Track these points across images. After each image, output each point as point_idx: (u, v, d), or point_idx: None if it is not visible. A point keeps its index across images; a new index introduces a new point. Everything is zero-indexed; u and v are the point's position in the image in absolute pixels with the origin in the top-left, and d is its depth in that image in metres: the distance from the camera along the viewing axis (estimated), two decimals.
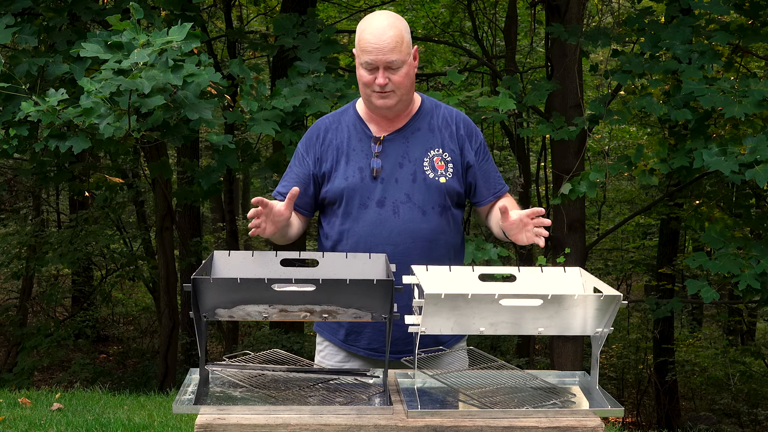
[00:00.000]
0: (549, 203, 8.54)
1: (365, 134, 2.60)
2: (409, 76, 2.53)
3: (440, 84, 9.50)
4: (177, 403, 2.07)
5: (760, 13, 6.01)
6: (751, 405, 11.34)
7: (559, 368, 6.85)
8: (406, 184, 2.56)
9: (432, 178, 2.57)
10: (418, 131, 2.61)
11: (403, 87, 2.52)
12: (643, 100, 5.82)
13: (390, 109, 2.55)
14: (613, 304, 2.04)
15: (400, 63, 2.48)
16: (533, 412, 2.04)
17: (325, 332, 2.70)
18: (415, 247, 2.52)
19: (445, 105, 2.71)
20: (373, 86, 2.50)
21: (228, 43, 10.56)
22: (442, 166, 2.59)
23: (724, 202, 7.73)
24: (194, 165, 7.55)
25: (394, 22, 2.50)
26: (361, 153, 2.58)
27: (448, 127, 2.64)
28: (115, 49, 4.38)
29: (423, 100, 2.67)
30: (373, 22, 2.51)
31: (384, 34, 2.46)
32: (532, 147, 11.84)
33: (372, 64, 2.48)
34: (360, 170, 2.57)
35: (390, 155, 2.58)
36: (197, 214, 12.18)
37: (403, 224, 2.54)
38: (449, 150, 2.61)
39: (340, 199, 2.58)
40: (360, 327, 2.60)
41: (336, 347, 2.67)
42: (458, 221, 2.67)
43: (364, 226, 2.55)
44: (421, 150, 2.59)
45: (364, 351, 2.62)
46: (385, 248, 2.50)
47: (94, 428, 5.00)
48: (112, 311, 14.19)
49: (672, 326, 11.54)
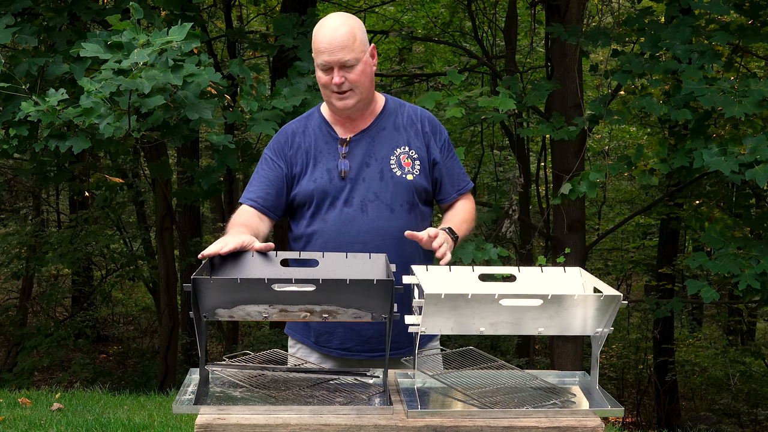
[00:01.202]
0: (549, 203, 8.54)
1: (331, 137, 2.61)
2: (366, 73, 2.53)
3: (440, 84, 9.49)
4: (177, 403, 2.07)
5: (760, 13, 6.01)
6: (751, 405, 11.34)
7: (559, 368, 6.85)
8: (373, 182, 2.57)
9: (399, 176, 2.58)
10: (383, 130, 2.62)
11: (360, 85, 2.52)
12: (643, 100, 5.82)
13: (350, 109, 2.55)
14: (613, 304, 2.04)
15: (355, 61, 2.49)
16: (533, 412, 2.04)
17: (297, 334, 2.69)
18: (385, 244, 2.51)
19: (410, 104, 2.71)
20: (331, 86, 2.51)
21: (228, 43, 10.57)
22: (408, 163, 2.60)
23: (724, 202, 7.73)
24: (194, 165, 7.56)
25: (347, 21, 2.52)
26: (329, 155, 2.59)
27: (413, 125, 2.65)
28: (115, 49, 4.38)
29: (387, 99, 2.68)
30: (325, 23, 2.53)
31: (336, 33, 2.48)
32: (532, 147, 11.83)
33: (326, 64, 2.49)
34: (328, 172, 2.57)
35: (356, 155, 2.58)
36: (197, 214, 12.20)
37: (371, 222, 2.54)
38: (416, 147, 2.62)
39: (310, 201, 2.59)
40: (332, 328, 2.60)
41: (309, 348, 2.66)
42: (427, 218, 2.67)
43: (332, 226, 2.55)
44: (387, 148, 2.60)
45: (336, 351, 2.61)
46: (354, 247, 2.51)
47: (94, 428, 5.00)
48: (112, 311, 14.19)
49: (672, 326, 11.54)
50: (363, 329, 2.57)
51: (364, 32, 2.55)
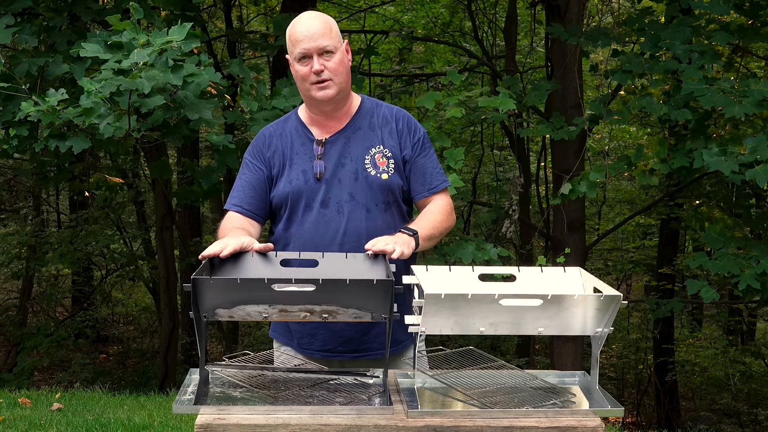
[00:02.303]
0: (549, 203, 8.54)
1: (307, 138, 2.61)
2: (344, 64, 2.55)
3: (440, 84, 9.49)
4: (177, 403, 2.07)
5: (760, 13, 6.01)
6: (751, 405, 11.34)
7: (559, 368, 6.85)
8: (348, 183, 2.56)
9: (374, 176, 2.57)
10: (359, 130, 2.62)
11: (339, 74, 2.53)
12: (643, 100, 5.82)
13: (330, 100, 2.55)
14: (613, 304, 2.04)
15: (333, 48, 2.51)
16: (533, 412, 2.04)
17: (281, 337, 2.69)
18: (361, 245, 2.48)
19: (387, 104, 2.71)
20: (311, 77, 2.51)
21: (228, 43, 10.56)
22: (383, 162, 2.59)
23: (724, 202, 7.73)
24: (194, 165, 7.56)
25: (321, 15, 2.57)
26: (304, 156, 2.59)
27: (387, 123, 2.64)
28: (115, 49, 4.37)
29: (363, 99, 2.69)
30: (300, 18, 2.57)
31: (313, 23, 2.52)
32: (532, 147, 11.84)
33: (306, 51, 2.50)
34: (303, 173, 2.57)
35: (332, 156, 2.58)
36: (197, 214, 12.19)
37: (347, 223, 2.54)
38: (389, 146, 2.61)
39: (286, 204, 2.58)
40: (313, 330, 2.59)
41: (293, 351, 2.66)
42: (406, 217, 2.66)
43: (309, 228, 2.55)
44: (362, 148, 2.60)
45: (318, 353, 2.60)
46: (332, 248, 2.50)
47: (94, 428, 5.00)
48: (112, 311, 14.19)
49: (672, 326, 11.54)
50: (344, 330, 2.56)
51: (338, 28, 2.59)
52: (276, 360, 2.68)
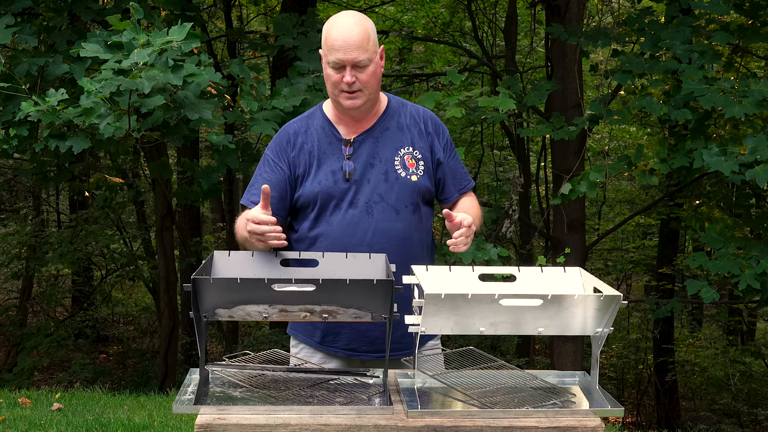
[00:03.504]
0: (549, 203, 8.54)
1: (335, 137, 2.59)
2: (376, 75, 2.53)
3: (440, 84, 9.49)
4: (177, 403, 2.07)
5: (760, 13, 6.01)
6: (751, 405, 11.33)
7: (559, 368, 6.85)
8: (378, 183, 2.55)
9: (404, 177, 2.57)
10: (387, 131, 2.61)
11: (370, 86, 2.51)
12: (643, 100, 5.82)
13: (357, 109, 2.54)
14: (613, 304, 2.04)
15: (367, 62, 2.48)
16: (533, 412, 2.04)
17: (300, 334, 2.67)
18: (390, 246, 2.50)
19: (411, 103, 2.70)
20: (341, 85, 2.49)
21: (228, 43, 10.57)
22: (413, 164, 2.59)
23: (724, 202, 7.73)
24: (194, 165, 7.56)
25: (361, 20, 2.51)
26: (333, 156, 2.57)
27: (416, 124, 2.64)
28: (115, 49, 4.38)
29: (389, 99, 2.67)
30: (339, 20, 2.51)
31: (351, 32, 2.46)
32: (532, 147, 11.84)
33: (339, 62, 2.47)
34: (333, 173, 2.55)
35: (361, 156, 2.57)
36: (197, 214, 12.19)
37: (377, 224, 2.53)
38: (419, 147, 2.61)
39: (314, 203, 2.56)
40: (338, 328, 2.58)
41: (312, 349, 2.64)
42: (429, 219, 2.66)
43: (338, 228, 2.53)
44: (391, 149, 2.59)
45: (342, 352, 2.60)
46: (360, 249, 2.49)
47: (94, 428, 5.00)
48: (112, 311, 14.19)
49: (672, 326, 11.54)
50: (369, 330, 2.55)
51: (376, 33, 2.55)
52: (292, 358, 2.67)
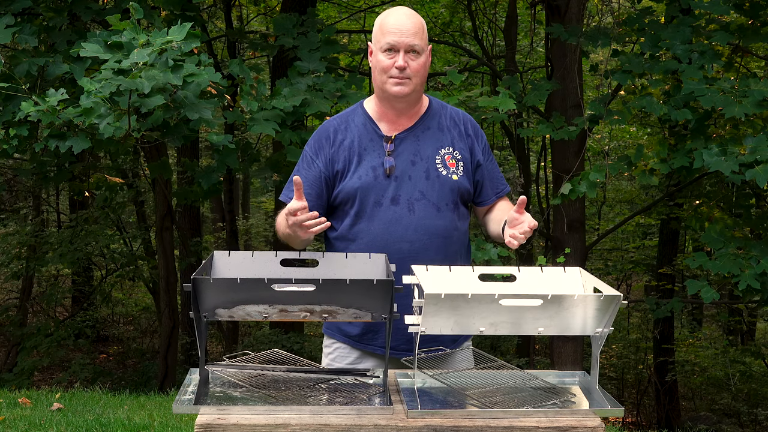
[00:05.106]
0: (549, 203, 8.54)
1: (376, 133, 2.61)
2: (425, 68, 2.57)
3: (440, 84, 9.50)
4: (177, 403, 2.07)
5: (760, 13, 6.01)
6: (751, 405, 11.33)
7: (559, 368, 6.85)
8: (419, 181, 2.57)
9: (445, 176, 2.59)
10: (428, 130, 2.64)
11: (419, 75, 2.55)
12: (643, 100, 5.83)
13: (405, 97, 2.56)
14: (613, 304, 2.04)
15: (420, 50, 2.53)
16: (533, 412, 2.04)
17: (336, 333, 2.68)
18: (431, 243, 2.53)
19: (451, 106, 2.74)
20: (391, 71, 2.52)
21: (228, 43, 10.56)
22: (453, 164, 2.62)
23: (724, 202, 7.73)
24: (194, 165, 7.56)
25: (415, 14, 2.60)
26: (374, 152, 2.59)
27: (456, 126, 2.67)
28: (115, 49, 4.38)
29: (430, 100, 2.71)
30: (396, 10, 2.59)
31: (407, 20, 2.54)
32: (532, 147, 11.84)
33: (394, 45, 2.51)
34: (373, 169, 2.57)
35: (402, 153, 2.59)
36: (197, 214, 12.18)
37: (418, 221, 2.54)
38: (459, 149, 2.64)
39: (353, 199, 2.57)
40: (377, 326, 2.60)
41: (348, 347, 2.65)
42: (466, 219, 2.69)
43: (379, 225, 2.54)
44: (432, 148, 2.61)
45: (381, 349, 2.61)
46: (401, 246, 2.51)
47: (94, 428, 5.00)
48: (112, 311, 14.19)
49: (672, 326, 11.54)
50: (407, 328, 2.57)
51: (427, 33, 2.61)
52: (325, 357, 2.69)
